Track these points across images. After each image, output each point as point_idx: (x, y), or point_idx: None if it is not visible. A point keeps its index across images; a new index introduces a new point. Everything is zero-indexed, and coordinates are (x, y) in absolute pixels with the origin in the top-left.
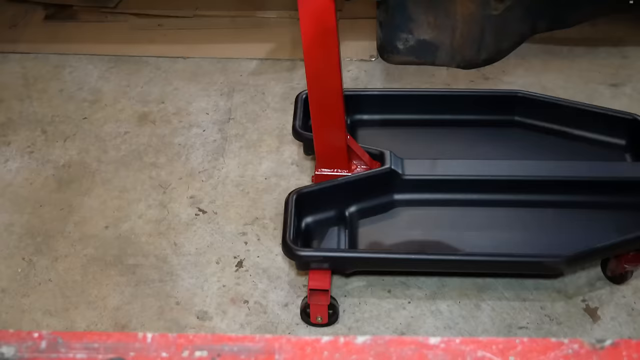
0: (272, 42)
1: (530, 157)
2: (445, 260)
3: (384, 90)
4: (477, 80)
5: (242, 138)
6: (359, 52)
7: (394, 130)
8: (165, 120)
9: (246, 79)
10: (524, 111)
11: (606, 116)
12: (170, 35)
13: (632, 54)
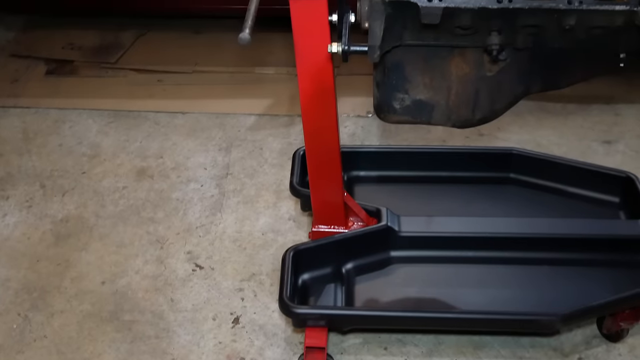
0: (270, 98)
1: (525, 215)
2: (441, 318)
3: (380, 147)
4: (472, 136)
5: (239, 193)
6: (356, 108)
7: (391, 186)
8: (163, 175)
9: (244, 134)
10: (519, 169)
11: (600, 174)
12: (170, 91)
13: (624, 111)
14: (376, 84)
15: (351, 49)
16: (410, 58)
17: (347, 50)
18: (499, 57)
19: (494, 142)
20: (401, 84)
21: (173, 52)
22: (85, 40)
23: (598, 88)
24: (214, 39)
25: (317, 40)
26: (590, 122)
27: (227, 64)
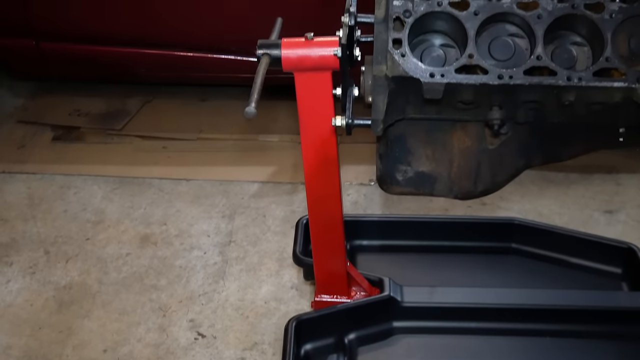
0: (274, 165)
1: (527, 285)
2: None
3: (382, 216)
4: (474, 205)
5: (242, 261)
6: (359, 176)
7: (394, 256)
8: (167, 242)
9: (247, 201)
10: (521, 239)
11: (602, 245)
12: (174, 158)
13: (625, 181)
14: (379, 156)
15: (355, 122)
16: (412, 131)
17: (351, 123)
18: (500, 131)
19: (496, 211)
20: (404, 156)
21: (178, 119)
22: (92, 107)
23: (599, 158)
24: (219, 107)
25: (321, 113)
26: (591, 191)
27: (232, 131)
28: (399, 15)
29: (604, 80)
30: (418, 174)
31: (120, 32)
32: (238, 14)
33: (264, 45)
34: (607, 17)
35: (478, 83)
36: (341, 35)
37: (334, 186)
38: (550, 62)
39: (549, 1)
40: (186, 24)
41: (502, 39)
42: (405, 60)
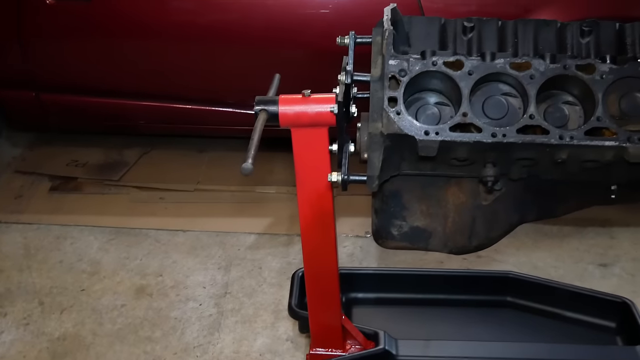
0: (270, 217)
1: (522, 339)
2: None
3: (378, 269)
4: (470, 258)
5: (237, 313)
6: (355, 228)
7: (389, 309)
8: (162, 293)
9: (244, 253)
10: (516, 292)
11: (596, 299)
12: (171, 209)
13: (619, 234)
14: (375, 211)
15: (350, 178)
16: (408, 187)
17: (347, 179)
18: (494, 187)
19: (492, 264)
20: (399, 212)
21: (176, 170)
22: (90, 158)
23: (593, 211)
24: (218, 158)
25: (317, 168)
26: (586, 244)
27: (229, 182)
28: (394, 74)
29: (595, 140)
30: (413, 229)
31: (120, 85)
32: (237, 68)
33: (261, 102)
34: (598, 78)
35: (472, 141)
36: (338, 93)
37: (329, 240)
38: (542, 121)
39: (541, 62)
40: (185, 77)
41: (496, 98)
42: (400, 118)
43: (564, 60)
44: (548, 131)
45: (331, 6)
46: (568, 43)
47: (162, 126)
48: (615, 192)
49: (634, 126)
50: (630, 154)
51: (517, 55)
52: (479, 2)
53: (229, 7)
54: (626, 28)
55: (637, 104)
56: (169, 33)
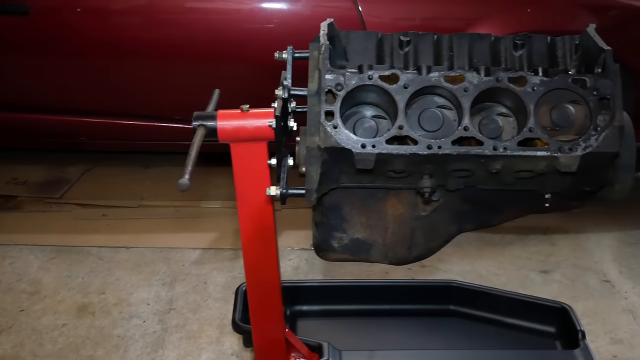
0: (216, 231)
1: (465, 347)
2: None
3: (322, 281)
4: (414, 268)
5: (182, 329)
6: (300, 241)
7: (334, 320)
8: (105, 311)
9: (188, 268)
10: (459, 301)
11: (536, 305)
12: (114, 226)
13: (559, 241)
14: (315, 224)
15: (289, 192)
16: (347, 199)
17: (286, 193)
18: (431, 198)
19: (436, 273)
20: (339, 224)
21: (119, 187)
22: (30, 175)
23: (534, 219)
24: (162, 174)
25: (257, 182)
26: (527, 252)
27: (173, 198)
28: (331, 88)
29: (527, 150)
30: (353, 241)
31: (61, 101)
32: (181, 84)
33: (199, 117)
34: (529, 90)
35: (408, 153)
36: (276, 107)
37: (271, 253)
38: (477, 132)
39: (475, 75)
40: (128, 93)
41: (431, 110)
42: (337, 131)
43: (496, 73)
44: (482, 142)
45: (276, 21)
46: (502, 56)
47: (105, 142)
48: (550, 200)
49: (565, 136)
50: (561, 163)
51: (453, 68)
52: (422, 17)
53: (171, 23)
54: (557, 41)
55: (567, 115)
56: (110, 49)
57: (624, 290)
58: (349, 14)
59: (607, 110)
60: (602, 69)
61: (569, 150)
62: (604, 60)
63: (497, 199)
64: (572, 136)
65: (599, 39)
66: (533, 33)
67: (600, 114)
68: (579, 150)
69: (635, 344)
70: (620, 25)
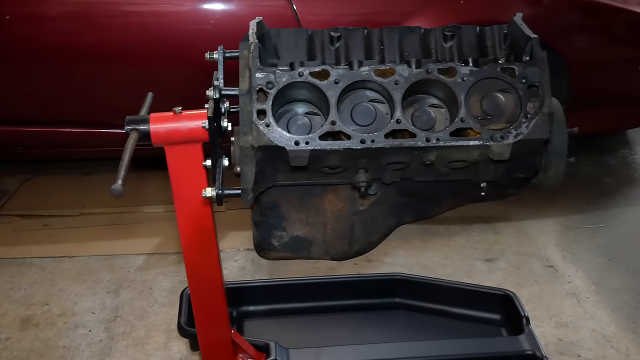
0: (160, 236)
1: (412, 338)
2: None
3: (267, 280)
4: (360, 263)
5: (129, 336)
6: (246, 241)
7: (281, 319)
8: (49, 322)
9: (133, 274)
10: (404, 293)
11: (481, 293)
12: (56, 235)
13: (502, 230)
14: (254, 223)
15: (225, 192)
16: (285, 197)
17: (221, 194)
18: (368, 192)
19: (382, 267)
20: (278, 222)
21: (60, 196)
22: None
23: (478, 209)
24: (103, 181)
25: (193, 184)
26: (472, 241)
27: (116, 204)
28: (262, 86)
29: (460, 140)
30: (293, 239)
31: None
32: (119, 89)
33: (132, 121)
34: (459, 80)
35: (342, 148)
36: (208, 108)
37: (212, 256)
38: (409, 124)
39: (405, 68)
40: (65, 99)
41: (363, 105)
42: (270, 130)
43: (426, 65)
44: (415, 134)
45: (212, 22)
46: (432, 48)
47: (44, 151)
48: (485, 189)
49: (496, 125)
50: (493, 152)
51: (384, 62)
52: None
53: (106, 27)
54: (486, 31)
55: (497, 104)
56: (44, 56)
57: (567, 275)
58: (284, 12)
59: (537, 97)
60: (529, 57)
61: (501, 139)
62: (531, 48)
63: (433, 190)
64: (503, 124)
65: (525, 27)
66: (469, 24)
67: (529, 102)
68: (511, 138)
69: (579, 327)
70: (552, 14)
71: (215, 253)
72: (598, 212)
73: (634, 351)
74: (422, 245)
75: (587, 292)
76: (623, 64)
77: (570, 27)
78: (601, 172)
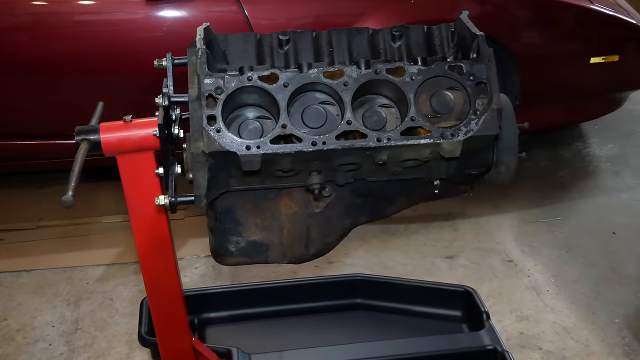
0: (119, 246)
1: (374, 338)
2: None
3: (228, 286)
4: (321, 265)
5: (90, 348)
6: (206, 248)
7: (243, 325)
8: (8, 338)
9: (93, 286)
10: (365, 294)
11: (441, 290)
12: (13, 249)
13: (461, 226)
14: (210, 230)
15: (178, 199)
16: (239, 202)
17: (174, 201)
18: (321, 194)
19: (343, 268)
20: (234, 227)
21: (15, 209)
22: None
23: (437, 206)
24: (59, 192)
25: (147, 193)
26: (431, 239)
27: (73, 215)
28: (211, 92)
29: (411, 139)
30: (250, 243)
31: None
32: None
33: (82, 132)
34: (408, 79)
35: (293, 151)
36: (158, 115)
37: (169, 264)
38: (360, 125)
39: (353, 69)
40: (18, 112)
41: (314, 107)
42: (220, 135)
43: (375, 65)
44: (366, 135)
45: (165, 29)
46: (381, 48)
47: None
48: (439, 187)
49: (446, 123)
50: (444, 149)
51: (334, 64)
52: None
53: (60, 38)
54: (434, 30)
55: (446, 102)
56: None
57: (526, 269)
58: (235, 17)
59: (485, 94)
60: (476, 54)
61: (451, 136)
62: (477, 46)
63: (387, 189)
64: (453, 122)
65: (472, 25)
66: (419, 24)
67: (478, 98)
68: (461, 135)
69: (540, 320)
70: (502, 11)
71: (172, 261)
72: (554, 205)
73: (594, 341)
74: (382, 245)
75: (546, 285)
76: (573, 58)
77: (519, 24)
78: (556, 165)
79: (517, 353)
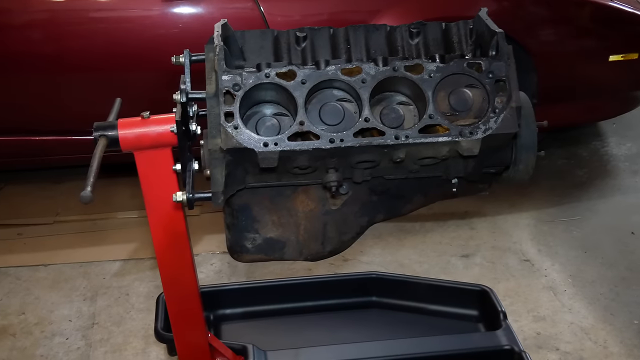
0: (135, 241)
1: (389, 337)
2: None
3: (244, 283)
4: (336, 262)
5: (107, 343)
6: (221, 245)
7: (258, 321)
8: (26, 331)
9: (109, 281)
10: (380, 292)
11: (457, 289)
12: (31, 244)
13: (478, 225)
14: (227, 226)
15: (196, 196)
16: (256, 199)
17: (192, 198)
18: (339, 192)
19: (358, 266)
20: (250, 224)
21: (33, 204)
22: None
23: (452, 204)
24: (75, 188)
25: (164, 189)
26: (447, 237)
27: (90, 211)
28: (228, 89)
29: (429, 137)
30: (266, 241)
31: None
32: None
33: (100, 128)
34: (426, 77)
35: (311, 148)
36: (176, 112)
37: (186, 260)
38: (378, 122)
39: (371, 66)
40: (33, 108)
41: (331, 104)
42: (238, 132)
43: (393, 63)
44: (384, 132)
45: (180, 26)
46: (399, 45)
47: (12, 161)
48: (456, 185)
49: (465, 121)
50: (463, 147)
51: (351, 61)
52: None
53: (74, 35)
54: (452, 27)
55: (465, 99)
56: (11, 64)
57: (543, 268)
58: (251, 14)
59: (504, 91)
60: (495, 52)
61: (470, 134)
62: (496, 43)
63: (404, 187)
64: (472, 120)
65: (490, 22)
66: (438, 21)
67: (497, 96)
68: (480, 133)
69: (557, 320)
70: (519, 8)
71: (189, 257)
72: (572, 204)
73: (612, 343)
74: (398, 243)
75: (563, 285)
76: (591, 56)
77: (536, 21)
78: (574, 164)
79: (534, 353)
